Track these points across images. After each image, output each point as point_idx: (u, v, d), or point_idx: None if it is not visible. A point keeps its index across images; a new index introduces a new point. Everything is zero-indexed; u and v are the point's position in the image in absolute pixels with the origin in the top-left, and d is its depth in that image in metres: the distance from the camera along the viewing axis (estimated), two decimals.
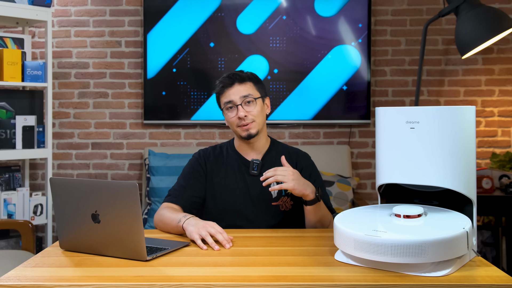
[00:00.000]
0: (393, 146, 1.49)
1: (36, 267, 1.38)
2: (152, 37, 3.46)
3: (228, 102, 1.90)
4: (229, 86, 1.90)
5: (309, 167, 2.00)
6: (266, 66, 3.48)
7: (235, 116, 1.89)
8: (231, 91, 1.90)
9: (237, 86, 1.90)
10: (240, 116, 1.87)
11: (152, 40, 3.46)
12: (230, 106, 1.90)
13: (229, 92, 1.90)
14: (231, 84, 1.90)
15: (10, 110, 3.13)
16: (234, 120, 1.90)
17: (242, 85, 1.90)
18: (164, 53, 3.47)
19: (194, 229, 1.62)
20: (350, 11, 3.46)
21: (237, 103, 1.88)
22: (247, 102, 1.89)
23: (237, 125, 1.90)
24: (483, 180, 3.10)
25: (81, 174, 3.59)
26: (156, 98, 3.48)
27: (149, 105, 3.48)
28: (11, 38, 3.19)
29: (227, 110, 1.92)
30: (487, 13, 2.57)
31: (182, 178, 1.97)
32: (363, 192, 3.62)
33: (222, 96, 1.93)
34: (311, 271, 1.33)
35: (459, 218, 1.40)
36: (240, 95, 1.89)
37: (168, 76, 3.47)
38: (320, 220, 1.86)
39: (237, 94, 1.89)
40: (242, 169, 1.97)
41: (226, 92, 1.91)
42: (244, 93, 1.89)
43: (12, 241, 3.13)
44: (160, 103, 3.48)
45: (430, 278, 1.26)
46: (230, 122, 1.93)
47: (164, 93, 3.48)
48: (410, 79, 3.57)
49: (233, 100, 1.89)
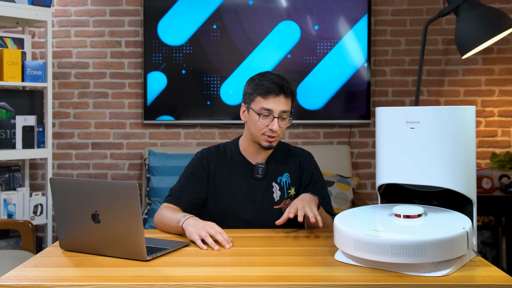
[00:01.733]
0: (393, 146, 1.49)
1: (36, 267, 1.38)
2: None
3: (267, 109, 1.84)
4: (275, 94, 1.84)
5: (311, 167, 2.00)
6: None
7: (267, 126, 1.85)
8: (275, 101, 1.84)
9: (282, 98, 1.85)
10: (273, 129, 1.83)
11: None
12: (267, 114, 1.85)
13: (272, 100, 1.84)
14: (278, 94, 1.84)
15: (10, 110, 3.13)
16: (264, 128, 1.86)
17: (286, 99, 1.86)
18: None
19: (194, 230, 1.62)
20: (350, 11, 3.46)
21: (275, 115, 1.84)
22: (283, 118, 1.86)
23: (263, 133, 1.87)
24: (483, 180, 3.10)
25: (81, 174, 3.59)
26: (156, 98, 3.48)
27: (149, 105, 3.48)
28: (11, 38, 3.19)
29: (261, 116, 1.85)
30: (487, 13, 2.57)
31: (184, 178, 1.96)
32: (363, 192, 3.62)
33: (262, 100, 1.84)
34: (311, 271, 1.33)
35: (459, 218, 1.40)
36: (281, 109, 1.84)
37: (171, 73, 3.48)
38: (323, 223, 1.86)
39: (280, 106, 1.84)
40: (246, 172, 1.95)
41: (269, 98, 1.84)
42: (284, 108, 1.85)
43: (12, 241, 3.13)
44: (160, 103, 3.48)
45: (430, 278, 1.26)
46: (258, 128, 1.87)
47: (164, 93, 3.48)
48: (410, 79, 3.57)
49: (273, 110, 1.84)
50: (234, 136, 3.50)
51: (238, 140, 2.01)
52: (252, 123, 1.88)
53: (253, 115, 1.87)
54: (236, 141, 2.01)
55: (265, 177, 1.94)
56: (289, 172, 1.97)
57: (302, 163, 1.99)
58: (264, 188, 1.94)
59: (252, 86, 1.89)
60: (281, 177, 1.95)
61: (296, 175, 1.98)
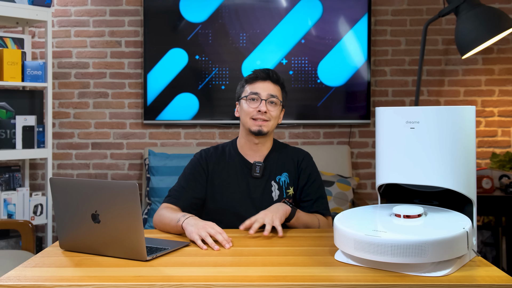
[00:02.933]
0: (393, 146, 1.49)
1: (36, 267, 1.38)
2: None
3: (254, 93, 1.91)
4: (262, 80, 1.93)
5: (309, 167, 2.01)
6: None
7: (256, 108, 1.90)
8: (262, 85, 1.92)
9: (269, 84, 1.93)
10: (261, 109, 1.88)
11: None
12: (254, 97, 1.91)
13: (259, 85, 1.92)
14: (265, 79, 1.93)
15: (10, 110, 3.13)
16: (252, 111, 1.90)
17: (274, 85, 1.93)
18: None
19: (194, 229, 1.62)
20: (350, 11, 3.46)
21: (263, 98, 1.90)
22: (271, 102, 1.91)
23: (252, 117, 1.90)
24: (483, 180, 3.10)
25: (81, 174, 3.59)
26: (156, 98, 3.48)
27: (149, 105, 3.48)
28: (11, 38, 3.19)
29: (249, 101, 1.91)
30: (487, 13, 2.57)
31: (183, 179, 1.97)
32: (363, 192, 3.62)
33: (250, 86, 1.93)
34: (311, 271, 1.33)
35: (459, 218, 1.40)
36: (268, 92, 1.91)
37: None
38: (306, 227, 1.88)
39: (266, 90, 1.91)
40: (244, 171, 1.96)
41: (256, 84, 1.92)
42: (272, 92, 1.91)
43: (12, 241, 3.13)
44: (160, 103, 3.48)
45: (430, 278, 1.26)
46: (246, 112, 1.92)
47: (165, 93, 3.48)
48: (410, 79, 3.57)
49: (260, 93, 1.90)
50: (234, 136, 3.50)
51: (236, 139, 2.03)
52: (243, 111, 1.94)
53: (243, 103, 1.94)
54: (234, 141, 2.03)
55: (264, 176, 1.95)
56: (288, 171, 1.98)
57: (300, 163, 2.00)
58: (263, 187, 1.94)
59: (241, 82, 1.99)
60: (280, 176, 1.96)
61: (294, 175, 1.99)
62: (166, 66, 3.48)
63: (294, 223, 1.84)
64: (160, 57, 3.47)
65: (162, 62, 3.48)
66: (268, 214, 1.72)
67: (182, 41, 3.47)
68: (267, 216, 1.71)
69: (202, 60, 3.48)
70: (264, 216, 1.71)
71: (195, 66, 3.49)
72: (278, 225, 1.69)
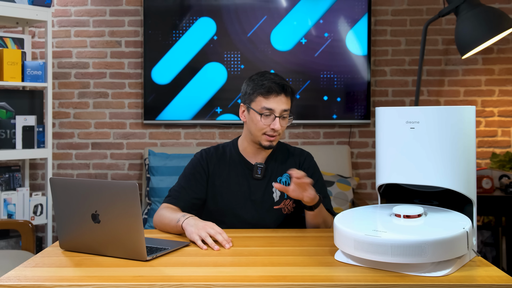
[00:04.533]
0: (393, 146, 1.49)
1: (36, 267, 1.38)
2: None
3: (269, 109, 1.83)
4: (276, 94, 1.83)
5: (312, 168, 2.00)
6: None
7: (269, 125, 1.84)
8: (276, 100, 1.83)
9: (283, 97, 1.84)
10: (275, 128, 1.83)
11: None
12: (268, 114, 1.84)
13: (273, 100, 1.83)
14: (279, 93, 1.83)
15: (10, 110, 3.13)
16: (265, 127, 1.85)
17: (287, 98, 1.85)
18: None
19: (194, 230, 1.61)
20: (350, 11, 3.46)
21: (277, 115, 1.83)
22: (284, 117, 1.86)
23: (264, 133, 1.86)
24: (483, 180, 3.10)
25: (81, 174, 3.59)
26: (156, 98, 3.48)
27: (149, 105, 3.48)
28: (11, 38, 3.19)
29: (263, 116, 1.84)
30: (487, 13, 2.58)
31: (183, 179, 1.96)
32: (363, 192, 3.62)
33: (263, 99, 1.83)
34: (311, 271, 1.33)
35: (459, 218, 1.40)
36: (282, 108, 1.84)
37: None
38: (321, 223, 1.87)
39: (281, 106, 1.83)
40: (245, 172, 1.95)
41: (270, 98, 1.83)
42: (285, 107, 1.84)
43: (12, 241, 3.13)
44: (160, 103, 3.48)
45: (430, 278, 1.26)
46: (259, 128, 1.86)
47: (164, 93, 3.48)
48: (410, 79, 3.57)
49: (274, 110, 1.83)
50: (234, 136, 3.50)
51: (237, 140, 2.01)
52: (253, 123, 1.87)
53: (254, 115, 1.86)
54: (235, 141, 2.01)
55: (265, 177, 1.94)
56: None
57: (302, 163, 1.99)
58: (264, 188, 1.93)
59: (252, 86, 1.87)
60: (280, 177, 1.95)
61: None
62: (167, 65, 3.48)
63: (316, 213, 1.81)
64: (160, 57, 3.47)
65: (162, 62, 3.48)
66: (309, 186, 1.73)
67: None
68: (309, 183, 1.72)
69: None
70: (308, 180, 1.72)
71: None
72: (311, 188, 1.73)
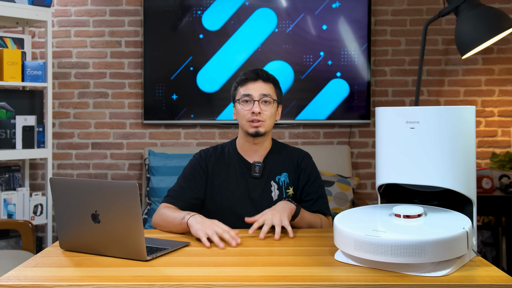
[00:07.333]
0: (393, 146, 1.49)
1: (36, 267, 1.38)
2: None
3: (246, 95, 1.90)
4: (252, 80, 1.92)
5: (309, 168, 2.00)
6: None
7: (250, 110, 1.89)
8: (253, 86, 1.91)
9: (260, 83, 1.92)
10: (254, 111, 1.88)
11: None
12: (247, 99, 1.90)
13: (250, 86, 1.91)
14: (255, 79, 1.92)
15: (10, 110, 3.13)
16: (247, 113, 1.90)
17: (265, 83, 1.92)
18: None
19: (200, 227, 1.62)
20: (350, 11, 3.46)
21: (255, 99, 1.89)
22: (265, 102, 1.91)
23: (248, 119, 1.90)
24: (483, 180, 3.10)
25: (81, 174, 3.59)
26: (156, 98, 3.48)
27: (149, 105, 3.48)
28: (11, 38, 3.19)
29: (242, 103, 1.92)
30: (487, 13, 2.58)
31: (182, 179, 1.96)
32: (363, 192, 3.62)
33: (241, 88, 1.93)
34: (311, 271, 1.33)
35: (459, 218, 1.40)
36: (260, 92, 1.90)
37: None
38: (306, 227, 1.87)
39: (258, 91, 1.90)
40: (244, 171, 1.96)
41: (247, 85, 1.92)
42: (264, 92, 1.90)
43: (12, 241, 3.13)
44: (160, 103, 3.48)
45: (430, 278, 1.26)
46: (242, 115, 1.92)
47: (164, 93, 3.48)
48: (410, 79, 3.57)
49: (252, 95, 1.90)
50: (234, 136, 3.49)
51: (236, 139, 2.03)
52: (239, 115, 1.94)
53: (238, 106, 1.94)
54: (234, 141, 2.04)
55: (263, 176, 1.95)
56: (287, 171, 1.98)
57: (300, 163, 2.00)
58: (262, 186, 1.94)
59: (234, 85, 1.99)
60: (279, 177, 1.96)
61: (294, 175, 1.99)
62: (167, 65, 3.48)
63: (298, 222, 1.82)
64: (160, 56, 3.47)
65: (163, 61, 3.48)
66: (276, 214, 1.69)
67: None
68: (275, 217, 1.67)
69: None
70: (272, 217, 1.67)
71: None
72: (287, 225, 1.67)
